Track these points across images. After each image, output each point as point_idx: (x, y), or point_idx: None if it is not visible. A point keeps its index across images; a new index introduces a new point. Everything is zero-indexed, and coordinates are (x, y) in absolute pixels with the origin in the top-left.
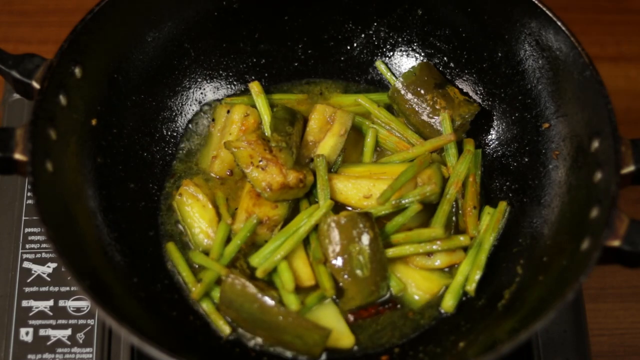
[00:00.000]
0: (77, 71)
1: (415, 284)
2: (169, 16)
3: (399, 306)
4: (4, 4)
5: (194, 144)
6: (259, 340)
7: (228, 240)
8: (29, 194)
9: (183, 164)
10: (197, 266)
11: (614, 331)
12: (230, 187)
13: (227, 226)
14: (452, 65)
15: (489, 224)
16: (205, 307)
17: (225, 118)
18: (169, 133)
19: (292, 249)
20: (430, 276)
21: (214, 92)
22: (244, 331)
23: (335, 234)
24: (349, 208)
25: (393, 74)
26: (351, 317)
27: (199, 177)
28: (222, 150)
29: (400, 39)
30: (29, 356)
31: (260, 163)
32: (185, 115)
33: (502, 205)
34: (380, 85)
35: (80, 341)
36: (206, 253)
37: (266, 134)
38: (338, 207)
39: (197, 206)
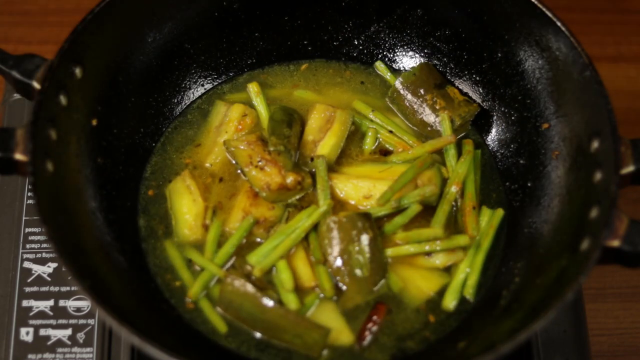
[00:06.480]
0: (78, 71)
1: (415, 283)
2: (169, 16)
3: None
4: (5, 4)
5: (194, 142)
6: (259, 339)
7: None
8: (29, 194)
9: (182, 162)
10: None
11: (614, 331)
12: (226, 186)
13: (219, 225)
14: (452, 66)
15: (488, 224)
16: (204, 306)
17: (223, 116)
18: (169, 132)
19: (290, 248)
20: (429, 275)
21: (213, 92)
22: (243, 330)
23: (334, 234)
24: (352, 203)
25: (393, 74)
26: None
27: (196, 171)
28: (219, 148)
29: (400, 39)
30: (30, 356)
31: (260, 163)
32: (185, 115)
33: (500, 210)
34: (379, 85)
35: (81, 341)
36: (196, 247)
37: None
38: (338, 207)
39: (187, 198)
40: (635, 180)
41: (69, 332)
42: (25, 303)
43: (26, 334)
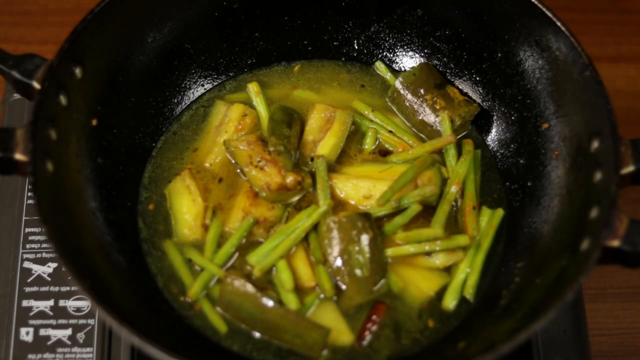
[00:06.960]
0: (78, 71)
1: (415, 283)
2: (169, 16)
3: (390, 306)
4: (5, 4)
5: (193, 142)
6: (258, 339)
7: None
8: (29, 194)
9: (182, 162)
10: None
11: (614, 331)
12: (226, 186)
13: (219, 225)
14: (452, 66)
15: (488, 224)
16: (204, 306)
17: (223, 116)
18: (169, 132)
19: (290, 248)
20: (429, 275)
21: (213, 91)
22: (243, 331)
23: (334, 234)
24: (352, 203)
25: (393, 74)
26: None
27: (196, 172)
28: (218, 148)
29: (400, 39)
30: (30, 356)
31: (259, 163)
32: (185, 115)
33: (500, 210)
34: (379, 85)
35: (81, 341)
36: (195, 247)
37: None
38: (338, 207)
39: (186, 198)
40: (635, 180)
41: (69, 332)
42: (25, 303)
43: (26, 334)
